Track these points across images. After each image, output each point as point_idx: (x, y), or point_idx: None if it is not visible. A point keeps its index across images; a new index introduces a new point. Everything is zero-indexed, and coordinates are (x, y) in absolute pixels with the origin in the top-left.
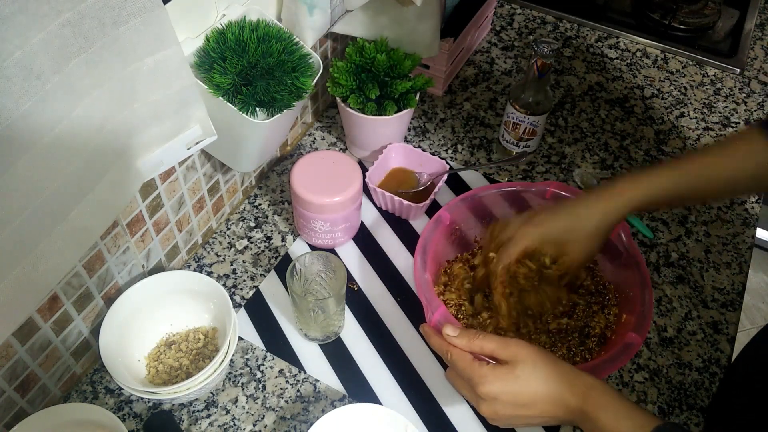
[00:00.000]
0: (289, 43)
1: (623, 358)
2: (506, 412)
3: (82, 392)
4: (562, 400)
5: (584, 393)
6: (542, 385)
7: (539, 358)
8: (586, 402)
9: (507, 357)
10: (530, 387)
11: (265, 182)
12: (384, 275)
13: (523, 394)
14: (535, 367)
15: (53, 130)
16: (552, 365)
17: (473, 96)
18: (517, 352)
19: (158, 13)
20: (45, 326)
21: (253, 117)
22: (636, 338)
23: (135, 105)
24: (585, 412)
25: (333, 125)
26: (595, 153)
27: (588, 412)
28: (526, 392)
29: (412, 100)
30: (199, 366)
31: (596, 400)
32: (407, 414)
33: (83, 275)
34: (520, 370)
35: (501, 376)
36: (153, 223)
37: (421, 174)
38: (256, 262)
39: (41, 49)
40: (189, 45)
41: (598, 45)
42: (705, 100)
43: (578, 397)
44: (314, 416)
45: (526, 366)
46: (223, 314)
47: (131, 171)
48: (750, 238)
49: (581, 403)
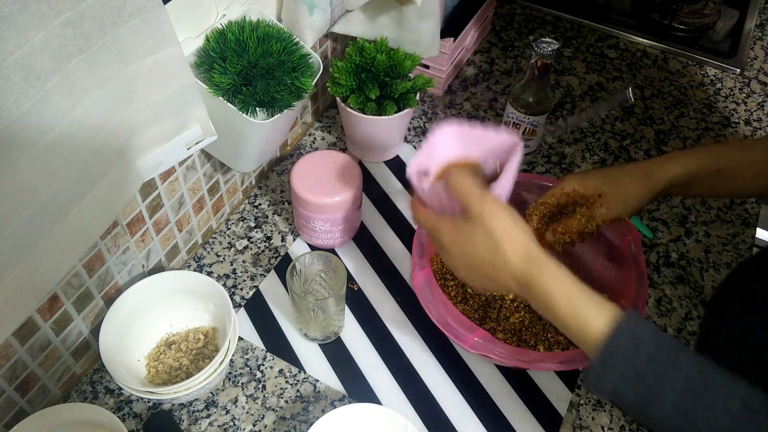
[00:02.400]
0: (289, 43)
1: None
2: (459, 267)
3: (82, 392)
4: (508, 275)
5: (535, 266)
6: (489, 253)
7: (500, 224)
8: (540, 275)
9: (474, 212)
10: (475, 247)
11: (265, 182)
12: (384, 275)
13: (469, 251)
14: (490, 232)
15: (53, 130)
16: (508, 237)
17: (473, 96)
18: (482, 211)
19: (158, 13)
20: (45, 326)
21: (253, 117)
22: None
23: (135, 105)
24: (534, 285)
25: (333, 125)
26: (595, 153)
27: (540, 286)
28: (473, 253)
29: (412, 100)
30: (199, 366)
31: (550, 276)
32: (407, 414)
33: (83, 275)
34: (475, 225)
35: (456, 228)
36: (153, 223)
37: (485, 162)
38: (256, 262)
39: (41, 49)
40: (189, 45)
41: (598, 45)
42: (705, 100)
43: (526, 276)
44: (314, 416)
45: (482, 228)
46: (223, 314)
47: (131, 171)
48: (750, 238)
49: (531, 275)
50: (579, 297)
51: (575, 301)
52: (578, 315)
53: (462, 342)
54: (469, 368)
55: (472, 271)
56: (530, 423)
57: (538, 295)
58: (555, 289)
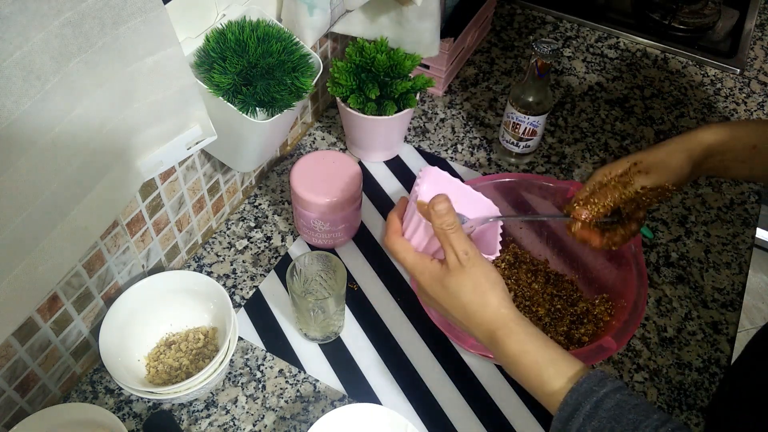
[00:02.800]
0: (289, 43)
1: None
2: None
3: (82, 392)
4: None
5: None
6: (458, 303)
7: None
8: (508, 339)
9: (450, 263)
10: (451, 298)
11: (265, 182)
12: (384, 275)
13: (444, 300)
14: (465, 286)
15: (53, 130)
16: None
17: (473, 96)
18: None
19: (158, 13)
20: (45, 326)
21: (253, 117)
22: (611, 343)
23: (135, 105)
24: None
25: (333, 125)
26: (595, 153)
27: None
28: (447, 299)
29: (412, 100)
30: (199, 366)
31: (519, 341)
32: (407, 414)
33: (83, 275)
34: (448, 280)
35: (433, 275)
36: (153, 223)
37: (461, 216)
38: (256, 262)
39: (41, 49)
40: (189, 45)
41: (598, 45)
42: (705, 100)
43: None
44: (314, 416)
45: (458, 281)
46: (222, 314)
47: (131, 171)
48: (750, 238)
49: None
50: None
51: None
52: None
53: (462, 342)
54: (469, 368)
55: (445, 311)
56: (530, 423)
57: (504, 354)
58: (521, 353)
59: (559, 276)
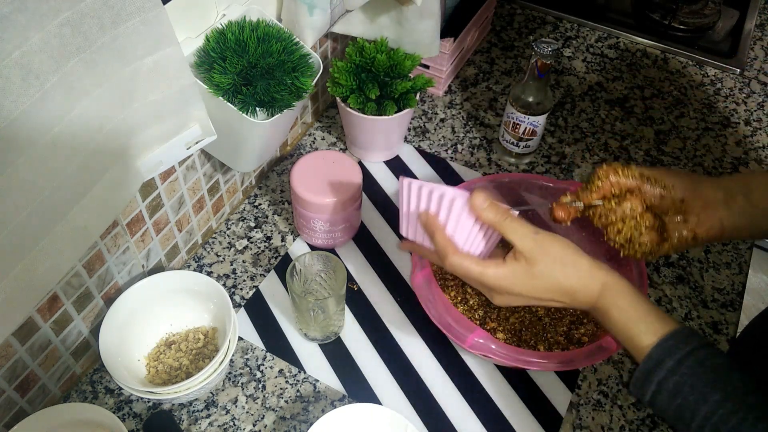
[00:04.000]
0: (289, 43)
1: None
2: (519, 303)
3: (81, 392)
4: (575, 296)
5: (599, 292)
6: (556, 283)
7: (558, 254)
8: (601, 299)
9: (527, 252)
10: (545, 283)
11: (265, 182)
12: (384, 275)
13: (538, 289)
14: (554, 264)
15: (52, 130)
16: (571, 263)
17: (473, 96)
18: (535, 249)
19: (157, 12)
20: (45, 326)
21: (253, 117)
22: (611, 343)
23: (134, 105)
24: (598, 308)
25: (333, 125)
26: (595, 153)
27: (602, 309)
28: (541, 287)
29: (412, 100)
30: (199, 366)
31: (611, 300)
32: (407, 414)
33: (83, 275)
34: (538, 269)
35: (519, 275)
36: (153, 223)
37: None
38: (256, 262)
39: (40, 49)
40: (189, 45)
41: (598, 45)
42: (705, 100)
43: (593, 296)
44: (314, 416)
45: (545, 265)
46: (222, 314)
47: (131, 171)
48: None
49: (595, 301)
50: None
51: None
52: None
53: (462, 342)
54: (469, 368)
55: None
56: (530, 423)
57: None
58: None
59: None
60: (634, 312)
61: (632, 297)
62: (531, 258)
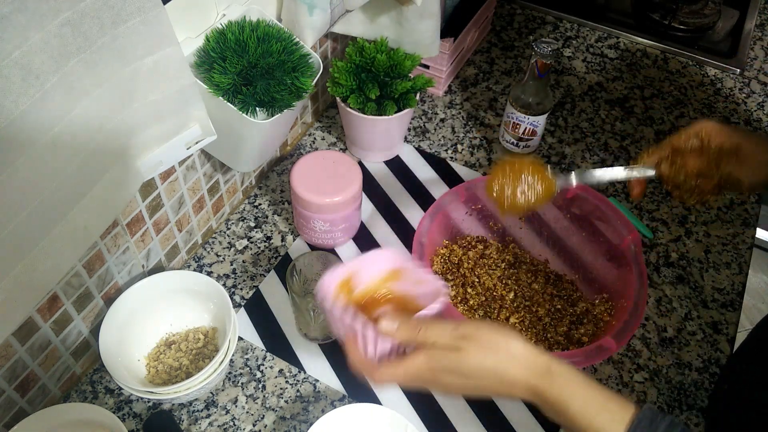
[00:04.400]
0: (289, 43)
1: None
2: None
3: (81, 392)
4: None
5: (548, 380)
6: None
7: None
8: (552, 389)
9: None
10: (476, 374)
11: (265, 182)
12: None
13: (470, 383)
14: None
15: (52, 130)
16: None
17: (473, 96)
18: (457, 340)
19: (157, 12)
20: (45, 326)
21: (253, 117)
22: (611, 343)
23: (134, 105)
24: (550, 399)
25: (333, 125)
26: (595, 153)
27: (556, 401)
28: (472, 380)
29: (412, 100)
30: (199, 366)
31: (567, 391)
32: (407, 414)
33: (83, 275)
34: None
35: (447, 366)
36: (153, 223)
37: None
38: (256, 262)
39: (40, 49)
40: (189, 45)
41: (598, 45)
42: (705, 100)
43: (536, 383)
44: (314, 416)
45: (472, 354)
46: (222, 314)
47: (131, 171)
48: (750, 238)
49: (542, 390)
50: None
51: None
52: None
53: None
54: None
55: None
56: (530, 423)
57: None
58: (568, 399)
59: (559, 276)
60: (594, 402)
61: (586, 384)
62: (457, 351)
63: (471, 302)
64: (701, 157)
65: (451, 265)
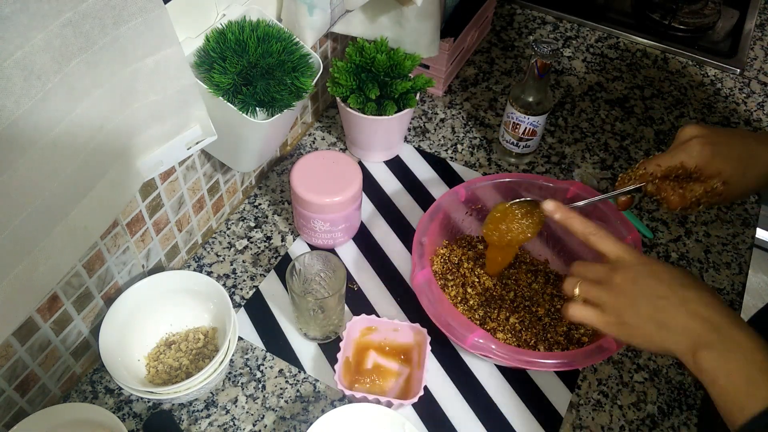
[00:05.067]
0: (289, 43)
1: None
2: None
3: (81, 392)
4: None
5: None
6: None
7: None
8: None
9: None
10: (672, 271)
11: (265, 182)
12: (384, 275)
13: (664, 271)
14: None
15: (53, 130)
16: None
17: (473, 96)
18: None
19: (158, 13)
20: (45, 326)
21: (253, 117)
22: (611, 343)
23: (135, 105)
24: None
25: (333, 125)
26: (595, 153)
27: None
28: (666, 270)
29: (412, 100)
30: (199, 366)
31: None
32: (407, 414)
33: (83, 275)
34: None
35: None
36: (153, 223)
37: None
38: (256, 262)
39: (42, 49)
40: (189, 45)
41: (598, 45)
42: (705, 100)
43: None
44: (314, 416)
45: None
46: (222, 314)
47: (131, 171)
48: (750, 238)
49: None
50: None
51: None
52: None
53: (462, 342)
54: (469, 368)
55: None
56: (530, 423)
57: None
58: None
59: (559, 276)
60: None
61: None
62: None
63: (471, 302)
64: (683, 180)
65: (451, 265)
